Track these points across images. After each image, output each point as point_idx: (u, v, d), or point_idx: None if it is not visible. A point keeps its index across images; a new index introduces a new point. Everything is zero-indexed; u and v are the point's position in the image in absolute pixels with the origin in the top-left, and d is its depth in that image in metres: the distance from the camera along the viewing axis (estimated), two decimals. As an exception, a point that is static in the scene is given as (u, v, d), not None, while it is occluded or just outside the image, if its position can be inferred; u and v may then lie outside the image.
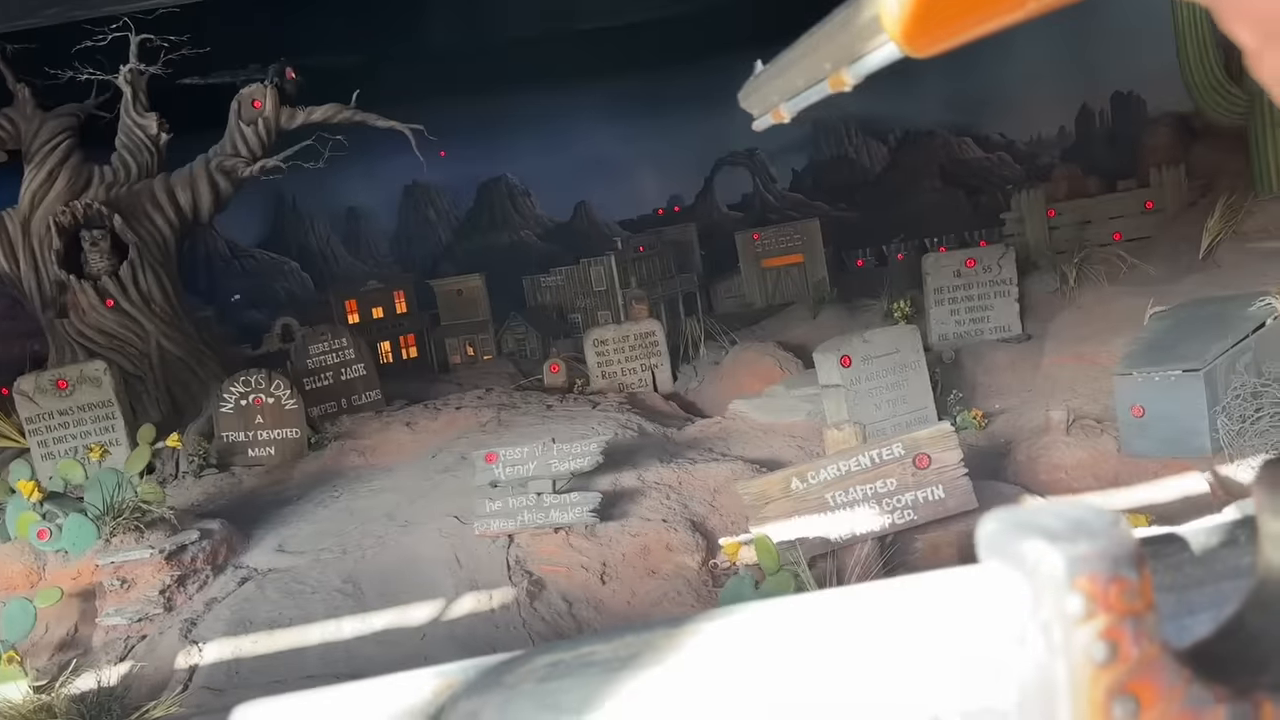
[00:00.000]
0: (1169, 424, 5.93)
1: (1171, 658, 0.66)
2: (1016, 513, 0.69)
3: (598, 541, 5.96)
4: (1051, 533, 0.64)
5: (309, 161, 10.54)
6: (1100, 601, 0.63)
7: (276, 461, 8.86)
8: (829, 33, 0.75)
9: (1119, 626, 0.64)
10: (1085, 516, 0.66)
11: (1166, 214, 10.45)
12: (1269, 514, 0.71)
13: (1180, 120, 12.00)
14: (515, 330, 12.63)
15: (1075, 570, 0.63)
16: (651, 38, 15.34)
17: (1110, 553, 0.63)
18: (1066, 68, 16.67)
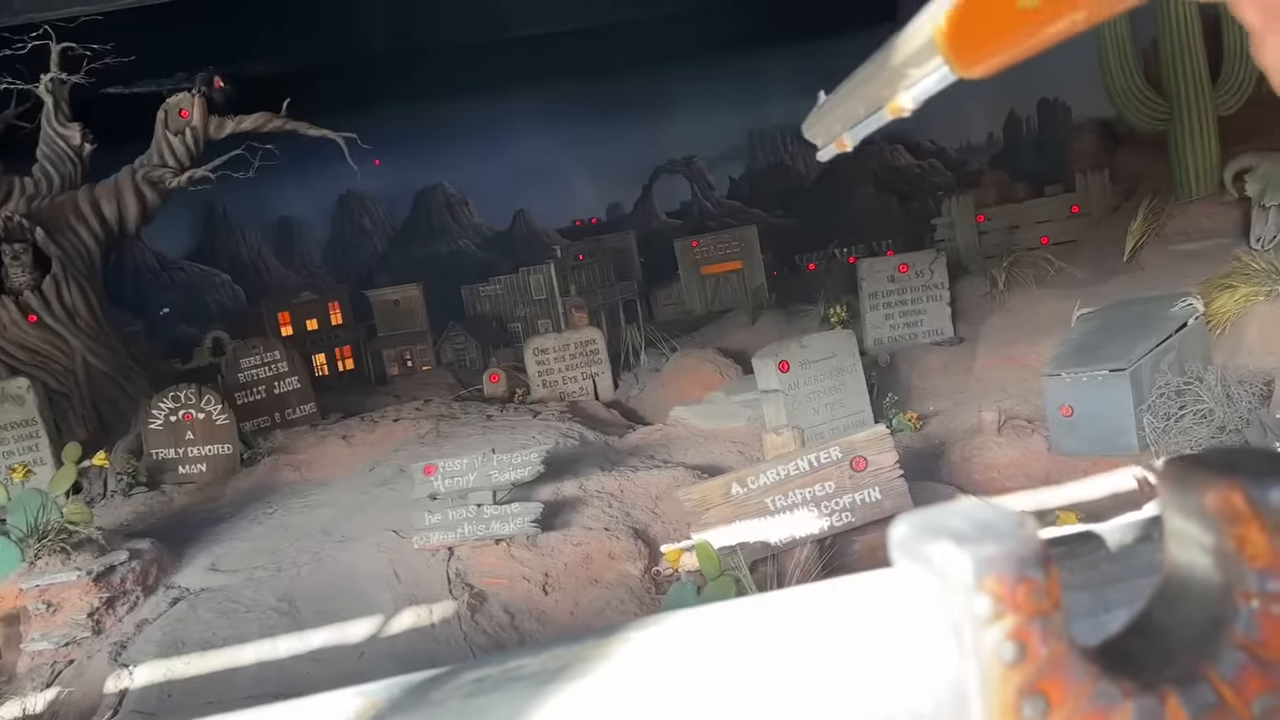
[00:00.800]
0: (1097, 423, 6.07)
1: (1079, 655, 0.67)
2: (926, 515, 0.69)
3: (540, 552, 5.92)
4: (959, 534, 0.65)
5: (239, 171, 10.35)
6: (1008, 602, 0.64)
7: (208, 478, 8.67)
8: (886, 60, 0.77)
9: (1027, 626, 0.64)
10: (992, 517, 0.67)
11: (1092, 218, 10.74)
12: (1173, 511, 0.73)
13: (1104, 126, 12.35)
14: (454, 340, 12.52)
15: (982, 571, 0.63)
16: (590, 46, 15.36)
17: (1017, 553, 0.64)
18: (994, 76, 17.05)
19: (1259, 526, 0.66)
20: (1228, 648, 0.68)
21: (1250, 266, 7.00)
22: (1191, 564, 0.72)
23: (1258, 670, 0.68)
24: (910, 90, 0.75)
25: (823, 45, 16.91)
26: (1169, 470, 0.73)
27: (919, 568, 0.68)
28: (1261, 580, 0.67)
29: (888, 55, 0.75)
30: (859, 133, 0.87)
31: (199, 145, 10.27)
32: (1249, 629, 0.68)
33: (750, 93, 18.34)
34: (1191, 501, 0.70)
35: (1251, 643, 0.68)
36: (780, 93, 18.22)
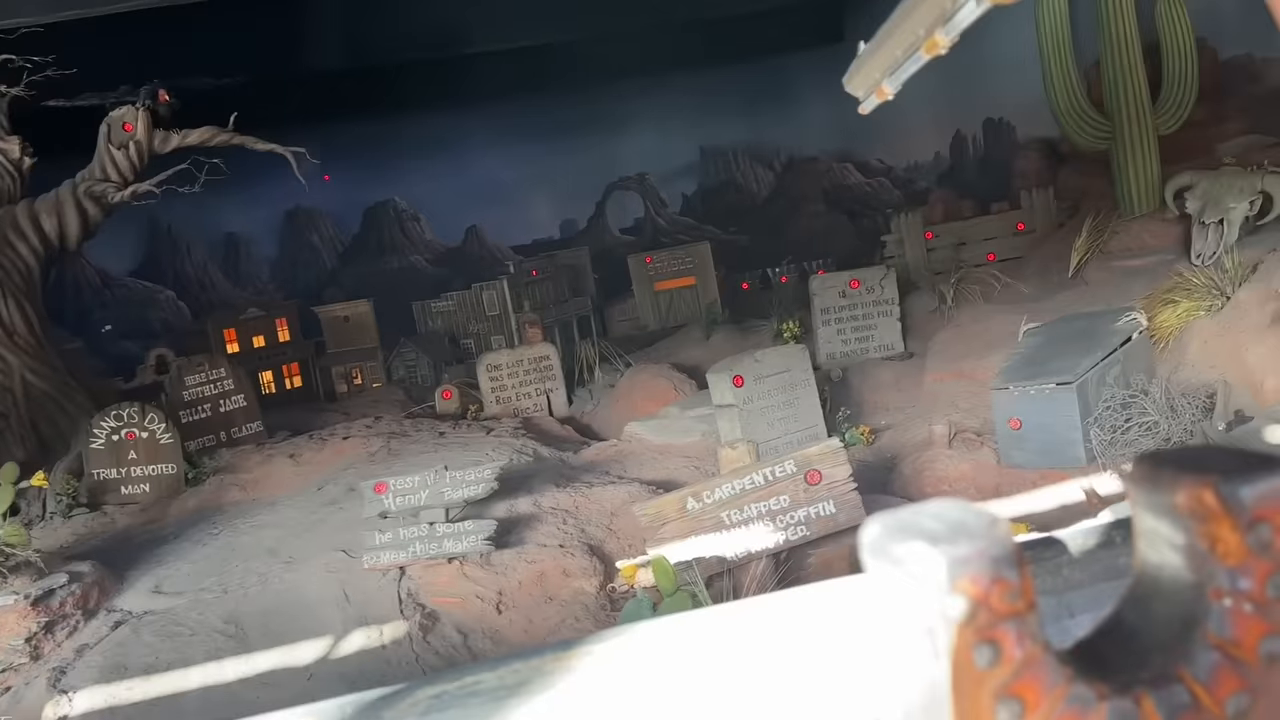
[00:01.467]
0: (1045, 435, 6.16)
1: (1053, 658, 0.65)
2: (897, 515, 0.68)
3: (493, 570, 5.84)
4: (931, 535, 0.64)
5: (184, 186, 10.15)
6: (982, 603, 0.62)
7: (152, 499, 8.45)
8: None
9: (1001, 628, 0.63)
10: (965, 517, 0.65)
11: (1037, 235, 10.94)
12: (1143, 510, 0.72)
13: (1048, 145, 12.61)
14: (405, 357, 12.38)
15: (956, 572, 0.62)
16: (544, 63, 15.37)
17: (990, 553, 0.62)
18: (940, 96, 17.34)
19: (1230, 524, 0.66)
20: (1201, 647, 0.68)
21: (1191, 282, 7.16)
22: (1162, 563, 0.71)
23: (1231, 669, 0.67)
24: (946, 24, 0.73)
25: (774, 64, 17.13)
26: (1139, 469, 0.72)
27: (891, 569, 0.66)
28: (1233, 578, 0.67)
29: None
30: (899, 77, 0.86)
31: (143, 160, 10.07)
32: (1221, 628, 0.67)
33: (702, 111, 18.47)
34: (1162, 500, 0.69)
35: (1224, 641, 0.67)
36: (732, 111, 18.39)
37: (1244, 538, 0.65)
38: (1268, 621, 0.67)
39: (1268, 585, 0.67)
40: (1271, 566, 0.66)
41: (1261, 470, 0.66)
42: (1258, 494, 0.65)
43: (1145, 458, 0.72)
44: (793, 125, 18.45)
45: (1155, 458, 0.72)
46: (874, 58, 0.87)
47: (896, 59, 0.83)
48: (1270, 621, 0.67)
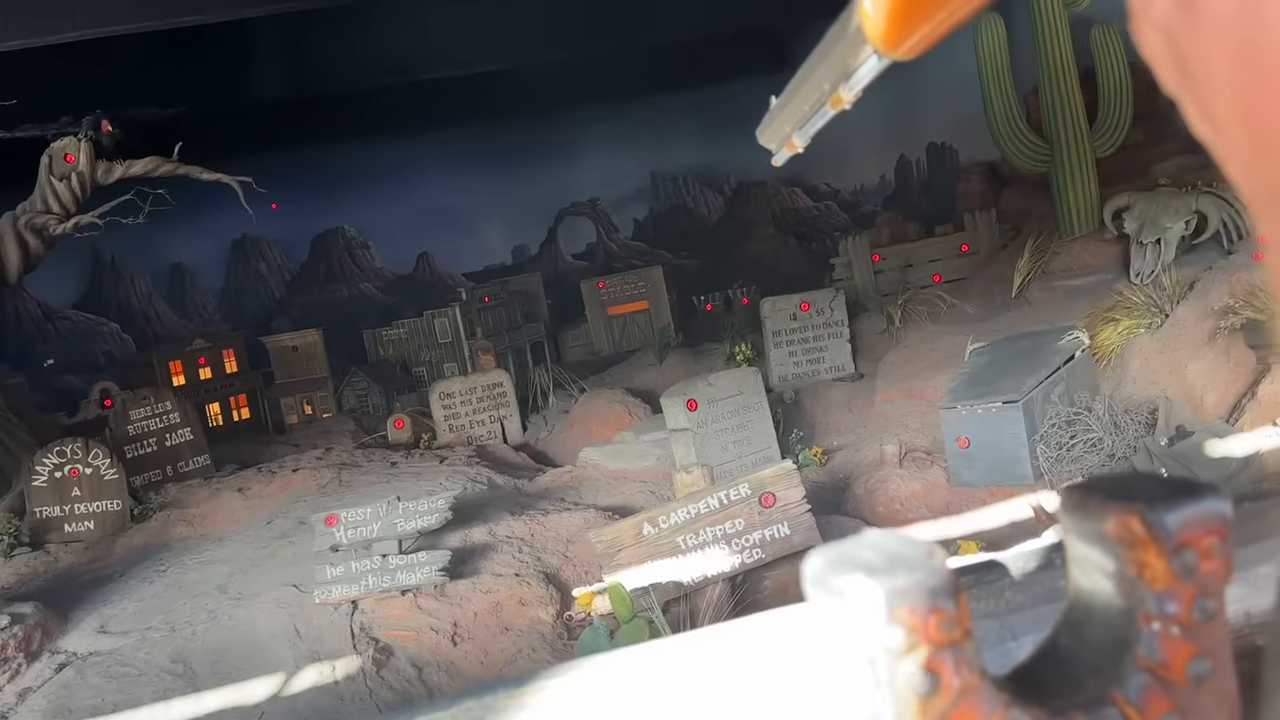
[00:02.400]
0: (993, 453, 6.26)
1: (990, 685, 0.67)
2: (838, 548, 0.69)
3: (448, 601, 5.78)
4: (870, 567, 0.65)
5: (128, 217, 9.98)
6: (920, 633, 0.64)
7: (96, 536, 8.25)
8: (822, 53, 0.77)
9: (939, 657, 0.64)
10: (902, 549, 0.67)
11: (980, 256, 11.15)
12: (1074, 537, 0.74)
13: (990, 168, 12.89)
14: (356, 386, 12.25)
15: (894, 603, 0.63)
16: (493, 90, 15.38)
17: (927, 584, 0.64)
18: (884, 121, 17.67)
19: (1157, 551, 0.68)
20: (1132, 670, 0.70)
21: (1131, 300, 7.34)
22: (1094, 589, 0.73)
23: (1161, 691, 0.69)
24: (847, 81, 0.76)
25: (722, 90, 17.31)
26: (1068, 497, 0.74)
27: (832, 601, 0.68)
28: (1161, 603, 0.69)
29: (824, 50, 0.76)
30: (808, 131, 0.88)
31: (86, 191, 9.88)
32: (1151, 651, 0.70)
33: (652, 136, 18.60)
34: (1091, 527, 0.71)
35: (1154, 664, 0.69)
36: (682, 136, 18.54)
37: (1170, 563, 0.68)
38: (1194, 644, 0.69)
39: (1194, 609, 0.69)
40: (1197, 591, 0.69)
41: (1186, 497, 0.68)
42: (1182, 520, 0.68)
43: (1075, 487, 0.75)
44: (741, 150, 18.59)
45: (1085, 486, 0.74)
46: (784, 112, 0.90)
47: (805, 113, 0.85)
48: (1197, 644, 0.69)
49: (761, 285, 13.29)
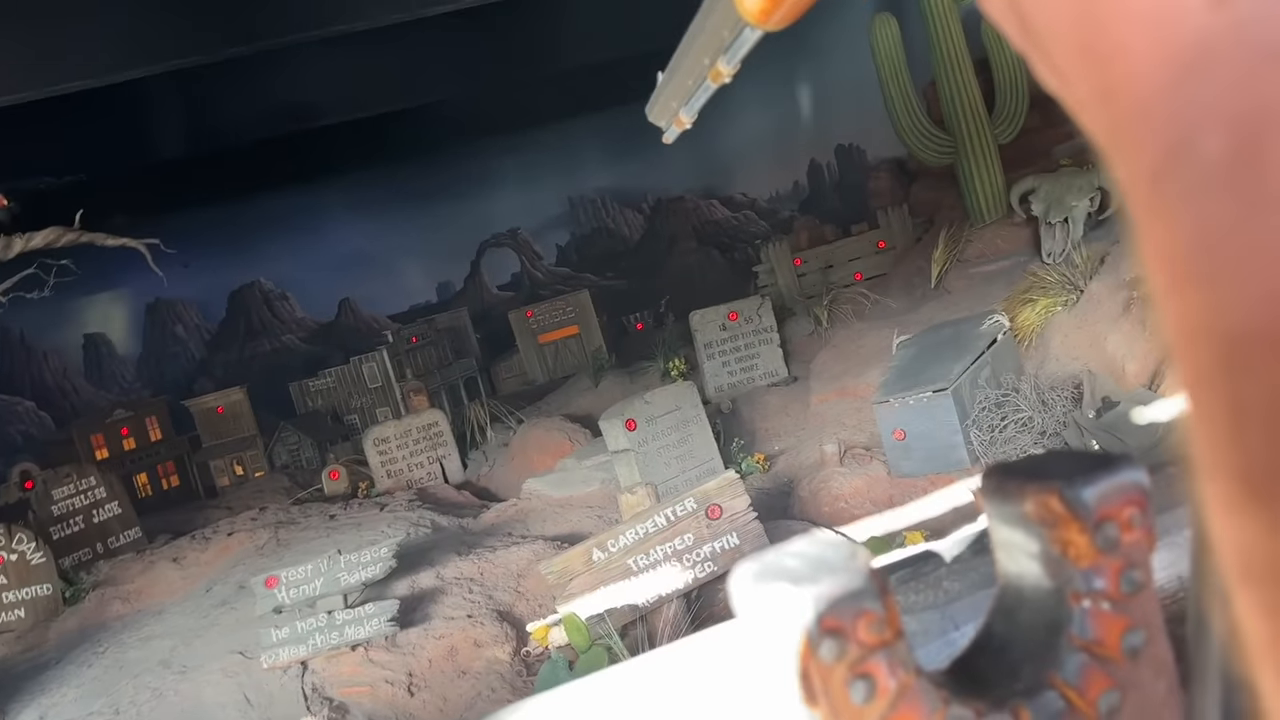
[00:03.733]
0: (928, 443, 6.34)
1: (927, 682, 0.65)
2: (762, 558, 0.67)
3: (401, 651, 5.65)
4: (794, 575, 0.63)
5: (33, 291, 9.66)
6: (850, 637, 0.62)
7: (28, 624, 7.92)
8: (698, 28, 0.75)
9: (872, 660, 0.62)
10: (824, 553, 0.65)
11: (897, 251, 11.35)
12: (997, 522, 0.73)
13: (897, 165, 13.15)
14: (287, 441, 11.98)
15: (821, 610, 0.61)
16: (401, 129, 15.27)
17: (852, 587, 0.62)
18: (792, 127, 17.95)
19: (1078, 527, 0.67)
20: (1067, 651, 0.69)
21: (1046, 280, 7.52)
22: (1022, 573, 0.72)
23: (1099, 669, 0.68)
24: (725, 55, 0.75)
25: (629, 110, 17.42)
26: (987, 482, 0.73)
27: (761, 613, 0.65)
28: (1088, 579, 0.68)
29: (699, 24, 0.75)
30: (694, 107, 0.87)
31: (-15, 268, 9.55)
32: (1083, 629, 0.69)
33: (566, 161, 18.62)
34: (1012, 511, 0.70)
35: (1088, 643, 0.68)
36: (594, 159, 18.60)
37: (1092, 539, 0.67)
38: (1126, 616, 0.69)
39: (1121, 582, 0.68)
40: (1122, 563, 0.68)
41: (1101, 470, 0.68)
42: (1100, 494, 0.67)
43: (992, 471, 0.74)
44: (656, 167, 18.76)
45: (1001, 470, 0.73)
46: (668, 88, 0.89)
47: (689, 89, 0.84)
48: (1129, 616, 0.69)
49: (689, 298, 13.35)
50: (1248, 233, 0.31)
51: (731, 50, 0.74)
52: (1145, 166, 0.34)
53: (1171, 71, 0.32)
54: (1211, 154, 0.32)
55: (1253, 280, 0.31)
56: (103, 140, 12.33)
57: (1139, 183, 0.35)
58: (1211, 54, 0.32)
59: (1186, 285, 0.33)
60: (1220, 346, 0.32)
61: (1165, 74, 0.33)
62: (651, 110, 0.94)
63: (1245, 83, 0.31)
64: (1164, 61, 0.33)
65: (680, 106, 0.87)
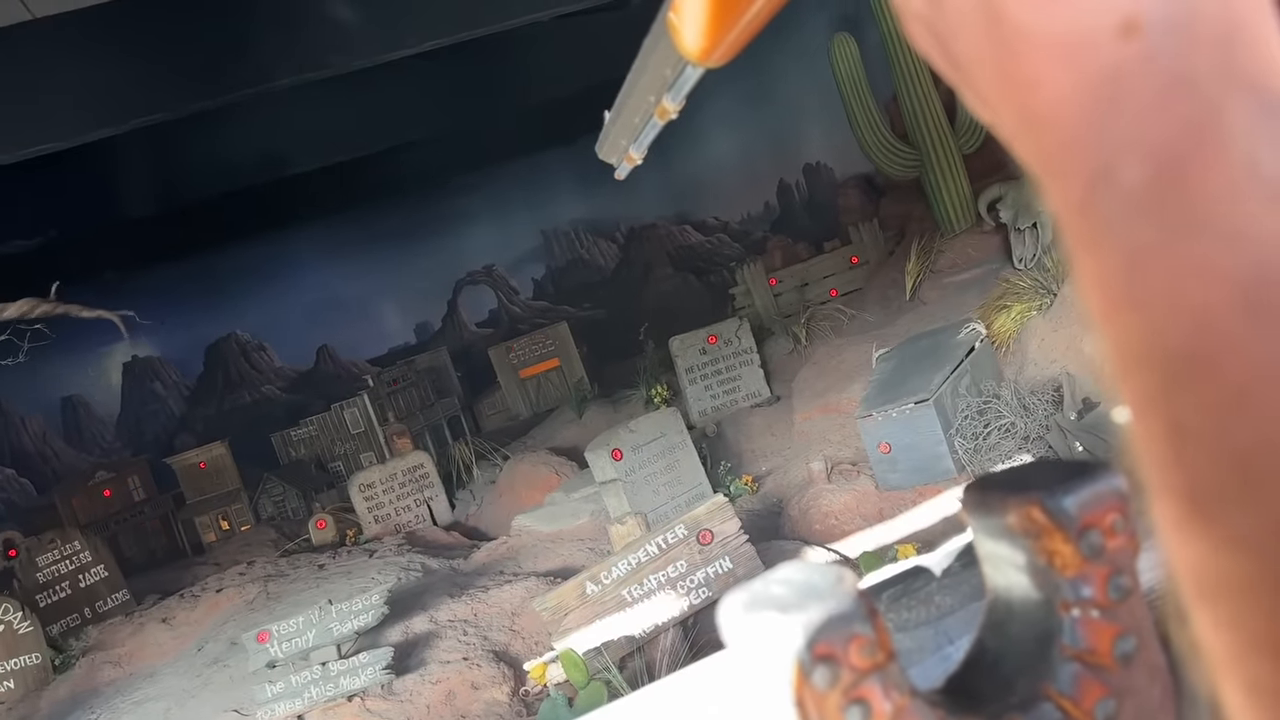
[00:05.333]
0: (914, 454, 6.36)
1: (922, 703, 0.65)
2: (749, 589, 0.67)
3: (397, 699, 5.59)
4: (782, 603, 0.63)
5: (8, 358, 9.56)
6: (842, 663, 0.62)
7: (19, 695, 7.79)
8: (641, 66, 0.76)
9: (866, 684, 0.62)
10: (811, 578, 0.65)
11: (870, 265, 11.42)
12: (982, 536, 0.74)
13: (866, 180, 13.27)
14: (271, 492, 11.88)
15: (811, 637, 0.61)
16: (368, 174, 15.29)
17: (840, 611, 0.62)
18: (759, 149, 18.08)
19: (1062, 537, 0.67)
20: (1060, 661, 0.69)
21: (1019, 286, 7.59)
22: (1010, 585, 0.73)
23: (1092, 677, 0.68)
24: (669, 92, 0.75)
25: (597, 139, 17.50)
26: (968, 496, 0.73)
27: (751, 643, 0.65)
28: (1076, 588, 0.68)
29: (642, 63, 0.76)
30: (643, 143, 0.87)
31: (-44, 337, 9.45)
32: (1074, 638, 0.69)
33: (537, 195, 18.67)
34: (995, 524, 0.70)
35: (1080, 652, 0.68)
36: (566, 191, 18.65)
37: (1077, 547, 0.67)
38: (1116, 623, 0.69)
39: (1108, 588, 0.68)
40: (1109, 569, 0.68)
41: (1082, 478, 0.68)
42: (1081, 502, 0.67)
43: (973, 485, 0.74)
44: (627, 196, 18.85)
45: (982, 483, 0.73)
46: (616, 126, 0.90)
47: (636, 126, 0.85)
48: (1119, 623, 0.69)
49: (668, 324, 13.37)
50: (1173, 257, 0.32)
51: (675, 88, 0.75)
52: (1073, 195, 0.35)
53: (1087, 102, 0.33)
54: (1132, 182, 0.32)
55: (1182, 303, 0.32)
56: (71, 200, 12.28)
57: (1069, 211, 0.36)
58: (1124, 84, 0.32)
59: (1121, 310, 0.34)
60: (1157, 369, 0.33)
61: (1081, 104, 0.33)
62: (601, 148, 0.95)
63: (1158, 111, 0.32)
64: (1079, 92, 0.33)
65: (629, 144, 0.88)
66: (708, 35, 0.61)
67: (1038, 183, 0.39)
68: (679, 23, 0.63)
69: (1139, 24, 0.32)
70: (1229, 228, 0.31)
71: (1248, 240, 0.31)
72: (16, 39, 6.97)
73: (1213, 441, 0.32)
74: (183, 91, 7.73)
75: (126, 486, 11.95)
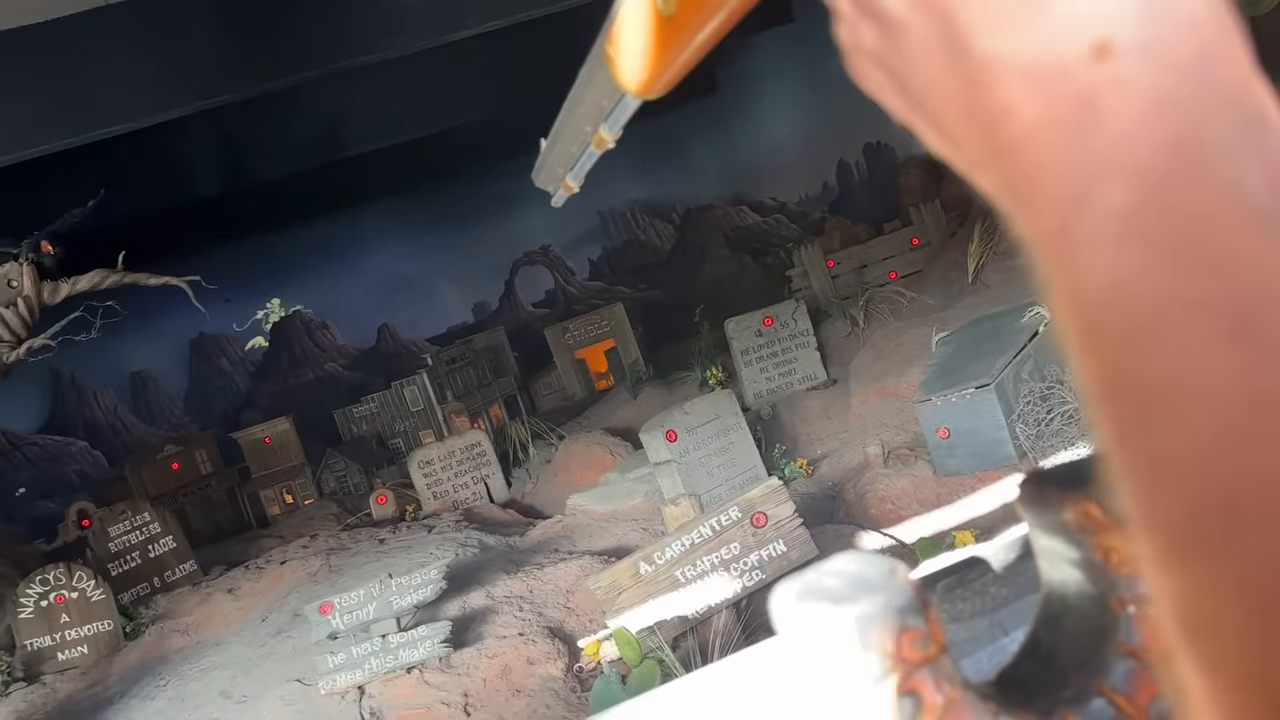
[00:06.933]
0: (974, 440, 6.27)
1: (974, 696, 0.65)
2: (801, 579, 0.67)
3: (455, 672, 5.69)
4: (834, 595, 0.63)
5: (81, 334, 9.88)
6: (894, 656, 0.62)
7: (92, 660, 8.08)
8: (577, 95, 0.77)
9: (917, 677, 0.63)
10: (864, 571, 0.65)
11: (932, 247, 11.25)
12: (1037, 530, 0.73)
13: (928, 161, 13.04)
14: (334, 468, 12.12)
15: (863, 629, 0.62)
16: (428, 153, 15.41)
17: (893, 604, 0.62)
18: (818, 129, 17.87)
19: (1119, 533, 0.67)
20: (1114, 658, 0.68)
21: (1083, 269, 7.41)
22: (1065, 580, 0.72)
23: (1146, 674, 0.68)
24: (606, 121, 0.76)
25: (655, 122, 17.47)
26: (1024, 492, 0.73)
27: (803, 634, 0.66)
28: (1132, 585, 0.68)
29: (578, 92, 0.76)
30: (580, 172, 0.88)
31: (34, 314, 9.76)
32: (1129, 635, 0.68)
33: (594, 175, 18.37)
34: (1051, 519, 0.70)
35: (1135, 649, 0.68)
36: (623, 172, 18.62)
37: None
38: (1173, 620, 0.68)
39: (1165, 585, 0.68)
40: (1165, 566, 0.68)
41: (1139, 473, 0.67)
42: (1138, 498, 0.67)
43: (1029, 480, 0.74)
44: (684, 177, 18.80)
45: (1038, 478, 0.73)
46: (553, 154, 0.90)
47: (573, 154, 0.85)
48: (1175, 620, 0.68)
49: (723, 306, 13.33)
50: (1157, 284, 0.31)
51: (612, 118, 0.75)
52: (1050, 221, 0.35)
53: (1062, 127, 0.33)
54: (1113, 205, 0.32)
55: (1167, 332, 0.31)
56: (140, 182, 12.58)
57: (1045, 237, 0.36)
58: (1101, 107, 0.32)
59: (1101, 338, 0.33)
60: (1139, 399, 0.32)
61: (1056, 129, 0.33)
62: (538, 176, 0.95)
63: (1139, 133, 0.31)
64: (1053, 117, 0.33)
65: (566, 173, 0.89)
66: (646, 70, 0.61)
67: (1006, 211, 0.39)
68: (615, 55, 0.63)
69: (1112, 47, 0.31)
70: (1215, 252, 0.30)
71: (1235, 265, 0.30)
72: (90, 24, 7.15)
73: (1198, 476, 0.31)
74: (247, 74, 7.87)
75: (194, 460, 12.28)
